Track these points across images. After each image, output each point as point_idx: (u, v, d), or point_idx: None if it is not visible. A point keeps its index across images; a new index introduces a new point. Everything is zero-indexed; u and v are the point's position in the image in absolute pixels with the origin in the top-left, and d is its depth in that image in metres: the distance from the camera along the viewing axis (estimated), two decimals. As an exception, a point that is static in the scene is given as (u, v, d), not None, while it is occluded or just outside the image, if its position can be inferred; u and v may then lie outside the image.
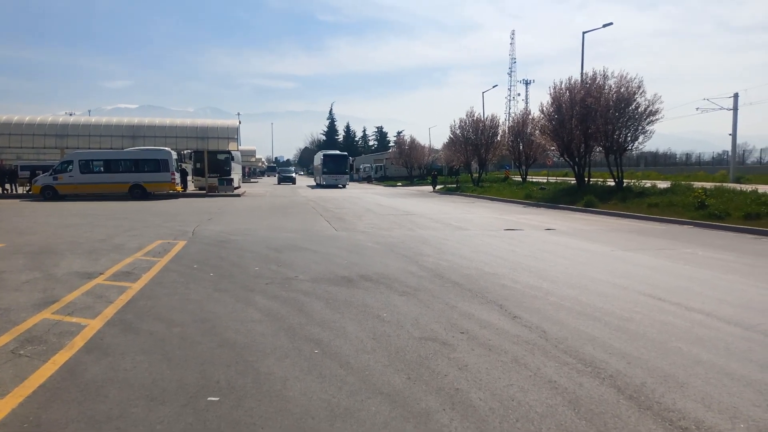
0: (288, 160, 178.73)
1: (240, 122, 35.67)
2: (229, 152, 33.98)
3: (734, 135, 38.90)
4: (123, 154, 29.32)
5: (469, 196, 31.47)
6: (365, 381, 4.15)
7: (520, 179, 37.64)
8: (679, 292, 7.12)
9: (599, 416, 3.59)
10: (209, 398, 3.82)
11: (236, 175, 37.38)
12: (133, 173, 28.22)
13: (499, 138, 38.29)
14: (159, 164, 28.24)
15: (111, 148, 31.35)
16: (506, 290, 7.19)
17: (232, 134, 33.09)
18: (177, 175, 29.98)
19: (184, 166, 36.46)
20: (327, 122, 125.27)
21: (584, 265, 9.14)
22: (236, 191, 33.84)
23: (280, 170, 67.45)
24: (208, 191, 32.23)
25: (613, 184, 23.53)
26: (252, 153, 71.18)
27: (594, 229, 14.60)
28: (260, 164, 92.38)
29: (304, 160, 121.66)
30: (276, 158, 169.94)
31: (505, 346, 4.96)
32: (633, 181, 24.70)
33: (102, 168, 28.36)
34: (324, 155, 50.82)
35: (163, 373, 4.27)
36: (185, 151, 37.66)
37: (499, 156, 41.91)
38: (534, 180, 37.85)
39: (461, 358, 4.64)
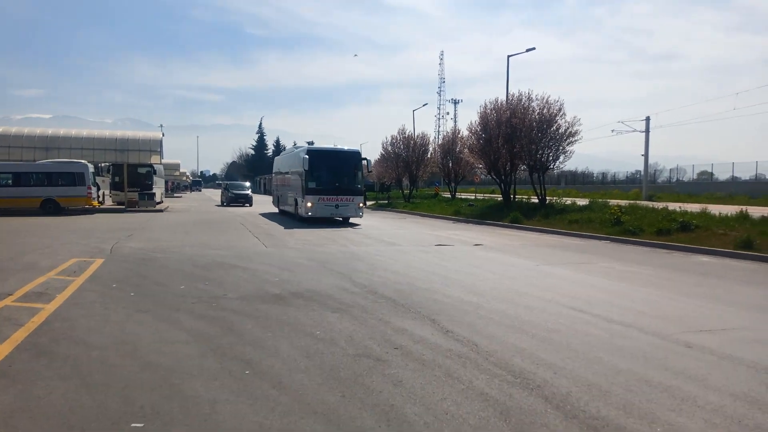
0: (215, 174, 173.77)
1: (163, 134, 34.34)
2: (150, 165, 32.60)
3: (646, 156, 41.70)
4: (35, 166, 27.44)
5: (401, 212, 31.83)
6: (299, 400, 4.06)
7: (450, 196, 38.52)
8: (599, 305, 7.49)
9: (529, 426, 3.70)
10: (133, 425, 3.60)
11: (159, 189, 35.83)
12: (45, 187, 26.44)
13: (429, 155, 39.18)
14: (74, 177, 26.64)
15: (21, 161, 29.23)
16: (438, 305, 7.29)
17: (155, 147, 31.78)
18: (94, 189, 28.40)
19: (100, 179, 34.60)
20: (256, 136, 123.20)
21: (511, 280, 9.44)
22: (159, 206, 32.48)
23: (229, 186, 41.34)
24: (128, 206, 30.75)
25: (536, 201, 24.56)
26: (176, 166, 68.44)
27: (520, 245, 15.14)
28: (185, 178, 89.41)
29: (231, 175, 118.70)
30: (202, 172, 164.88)
31: (438, 361, 5.01)
32: (555, 198, 25.92)
33: (11, 181, 26.36)
34: (311, 153, 21.59)
35: (82, 400, 3.99)
36: (103, 164, 35.76)
37: (430, 173, 42.75)
38: (463, 197, 38.86)
39: (396, 374, 4.64)
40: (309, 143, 30.53)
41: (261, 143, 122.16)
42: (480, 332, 5.98)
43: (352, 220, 22.75)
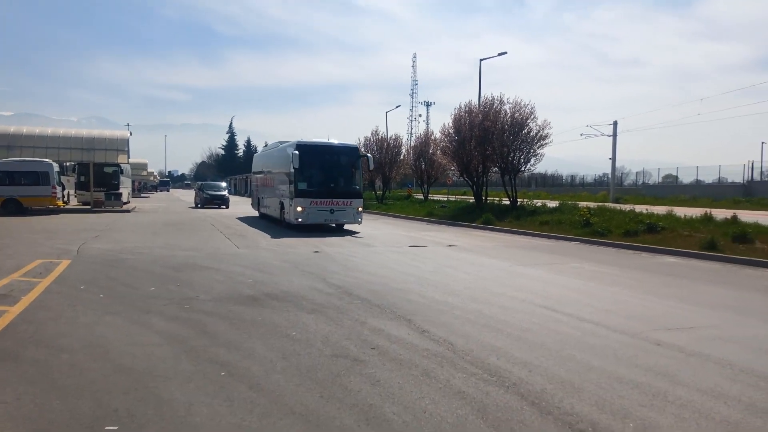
0: (183, 174, 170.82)
1: (131, 133, 33.61)
2: (117, 165, 31.88)
3: (614, 159, 42.67)
4: (-4, 165, 26.57)
5: (374, 213, 31.85)
6: (277, 402, 4.03)
7: (423, 197, 38.73)
8: (570, 304, 7.63)
9: (506, 423, 3.75)
10: (106, 428, 3.52)
11: (125, 189, 35.03)
12: (7, 186, 25.58)
13: (402, 157, 39.33)
14: (38, 177, 25.86)
15: (-19, 159, 28.27)
16: (414, 305, 7.32)
17: (122, 146, 31.07)
18: (59, 189, 27.62)
19: (65, 179, 33.65)
20: (226, 136, 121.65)
21: (485, 280, 9.55)
22: (126, 206, 31.78)
23: (203, 186, 38.56)
24: (94, 206, 30.01)
25: (508, 203, 24.87)
26: (143, 166, 66.91)
27: (492, 246, 15.31)
28: (152, 178, 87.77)
29: (200, 175, 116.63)
30: (170, 172, 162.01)
31: (415, 360, 5.03)
32: (526, 200, 26.27)
33: (-30, 180, 25.47)
34: (302, 148, 18.32)
35: (52, 404, 3.88)
36: (68, 163, 34.75)
37: (402, 174, 42.91)
38: (435, 198, 39.12)
39: (373, 374, 4.65)
40: (281, 142, 28.63)
41: (231, 143, 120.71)
42: (456, 332, 6.03)
43: (348, 226, 19.92)
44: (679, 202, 33.19)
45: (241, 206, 34.99)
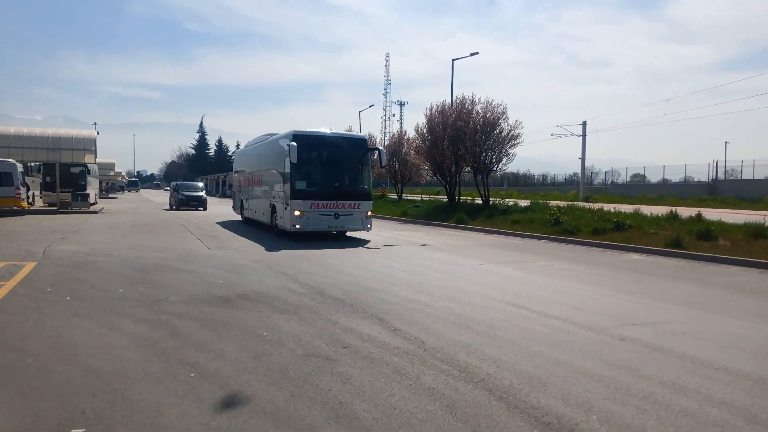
0: (152, 174, 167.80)
1: (98, 132, 32.91)
2: (84, 165, 31.21)
3: (583, 159, 43.50)
4: (-43, 165, 25.73)
5: (347, 213, 31.82)
6: (247, 402, 4.03)
7: (396, 197, 38.84)
8: (539, 301, 7.78)
9: (474, 417, 3.82)
10: (74, 430, 3.48)
11: (93, 189, 34.28)
12: (-31, 187, 24.85)
13: (375, 157, 39.36)
14: (1, 177, 25.16)
15: (-59, 159, 27.33)
16: (386, 304, 7.38)
17: (89, 146, 30.39)
18: (23, 190, 26.90)
19: (30, 180, 32.76)
20: (197, 135, 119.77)
21: (457, 279, 9.66)
22: (93, 207, 31.11)
23: (179, 186, 35.88)
24: (60, 208, 29.30)
25: (480, 202, 25.15)
26: (111, 166, 65.49)
27: (465, 244, 15.47)
28: (121, 178, 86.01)
29: (170, 175, 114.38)
30: (139, 172, 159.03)
31: (386, 358, 5.09)
32: (498, 199, 26.61)
33: (-71, 181, 24.61)
34: (300, 139, 15.20)
35: (16, 407, 3.81)
36: (33, 164, 33.85)
37: (376, 174, 42.97)
38: (409, 198, 39.26)
39: (345, 372, 4.68)
40: (270, 134, 26.52)
41: (202, 142, 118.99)
42: (427, 330, 6.10)
43: (354, 233, 17.28)
44: (647, 201, 34.03)
45: (219, 208, 34.32)
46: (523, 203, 25.21)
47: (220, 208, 33.04)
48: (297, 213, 15.12)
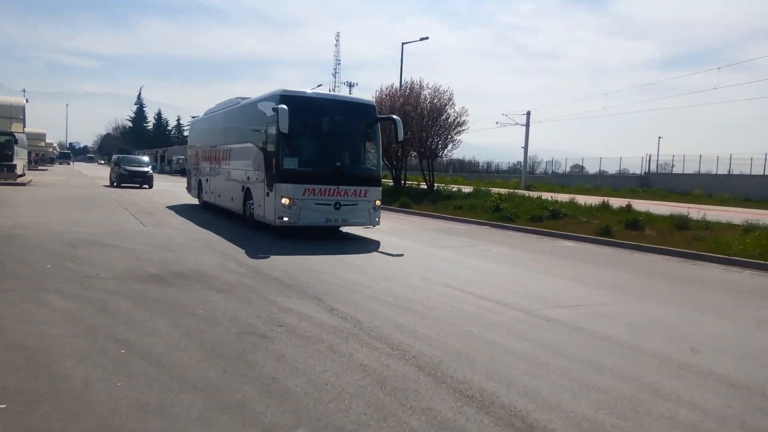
0: (86, 146, 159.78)
1: (27, 100, 31.14)
2: (11, 134, 29.44)
3: (526, 148, 44.73)
4: None
5: (292, 194, 31.55)
6: (178, 377, 4.03)
7: (342, 179, 38.81)
8: (475, 284, 8.06)
9: (402, 391, 3.98)
10: (-8, 406, 3.39)
11: (20, 160, 32.43)
12: None
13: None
14: None
15: None
16: (326, 285, 7.45)
17: (17, 113, 28.77)
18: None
19: None
20: (135, 107, 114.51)
21: (398, 261, 9.84)
22: (20, 179, 29.48)
23: (121, 160, 31.68)
24: (-15, 179, 27.61)
25: (425, 187, 25.52)
26: (42, 137, 61.82)
27: (408, 228, 15.71)
28: (51, 150, 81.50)
29: (105, 148, 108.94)
30: (71, 144, 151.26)
31: (321, 336, 5.17)
32: (443, 185, 27.09)
33: None
34: (291, 100, 11.38)
35: (-71, 385, 3.67)
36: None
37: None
38: (355, 181, 39.27)
39: (279, 350, 4.74)
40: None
41: (140, 115, 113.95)
42: (364, 310, 6.23)
43: (348, 229, 13.80)
44: (584, 191, 35.42)
45: (163, 185, 32.39)
46: (467, 189, 25.76)
47: (165, 185, 31.70)
48: (285, 201, 11.33)
